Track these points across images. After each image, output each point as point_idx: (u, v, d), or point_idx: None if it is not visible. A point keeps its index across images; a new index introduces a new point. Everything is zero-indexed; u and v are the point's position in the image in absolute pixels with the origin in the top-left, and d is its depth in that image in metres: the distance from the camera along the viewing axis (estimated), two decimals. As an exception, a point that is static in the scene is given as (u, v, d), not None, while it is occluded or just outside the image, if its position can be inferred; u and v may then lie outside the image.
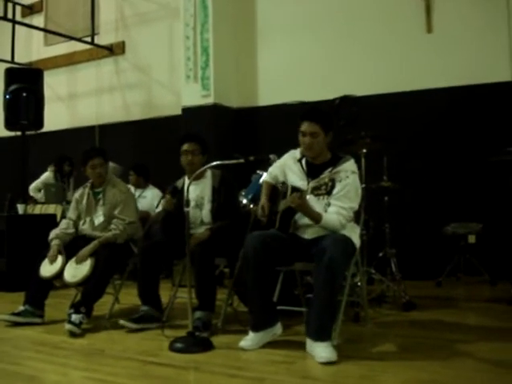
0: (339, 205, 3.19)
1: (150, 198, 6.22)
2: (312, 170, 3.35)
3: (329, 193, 3.04)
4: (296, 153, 3.50)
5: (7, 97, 6.44)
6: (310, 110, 3.36)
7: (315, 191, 3.01)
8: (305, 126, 3.30)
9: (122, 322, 3.71)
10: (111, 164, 4.85)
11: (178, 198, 3.93)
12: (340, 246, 3.04)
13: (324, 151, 3.38)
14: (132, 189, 5.91)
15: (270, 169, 3.68)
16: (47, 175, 7.34)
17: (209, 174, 4.00)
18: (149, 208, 6.07)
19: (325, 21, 6.56)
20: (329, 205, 3.22)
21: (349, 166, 3.26)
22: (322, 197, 3.11)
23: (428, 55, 6.01)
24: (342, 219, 3.19)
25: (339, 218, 3.18)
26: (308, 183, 3.23)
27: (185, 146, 3.98)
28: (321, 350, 2.91)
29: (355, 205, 3.27)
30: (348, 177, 3.18)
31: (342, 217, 3.18)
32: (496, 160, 4.47)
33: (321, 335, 2.97)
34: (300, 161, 3.43)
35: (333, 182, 3.01)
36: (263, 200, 3.55)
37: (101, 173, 4.22)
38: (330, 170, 3.24)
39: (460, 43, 5.87)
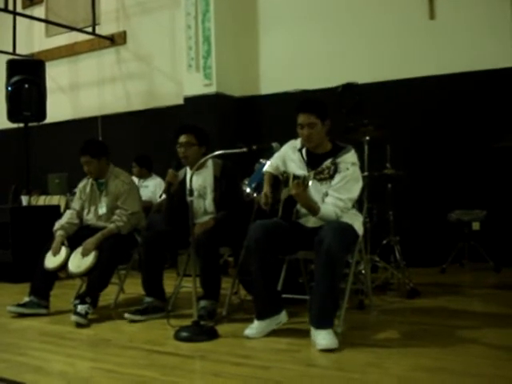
0: (336, 196, 3.20)
1: (151, 187, 6.23)
2: (312, 160, 3.35)
3: (332, 176, 3.03)
4: (296, 142, 3.50)
5: (9, 88, 6.45)
6: (304, 101, 3.37)
7: (318, 175, 3.01)
8: (301, 118, 3.31)
9: (127, 315, 3.72)
10: None
11: (180, 188, 3.92)
12: (338, 234, 3.04)
13: (324, 140, 3.38)
14: (135, 180, 5.91)
15: (271, 160, 3.68)
16: None
17: (210, 163, 3.99)
18: (151, 197, 6.08)
19: (326, 8, 6.52)
20: (327, 194, 3.23)
21: (349, 158, 3.27)
22: (325, 181, 3.09)
23: (431, 42, 5.97)
24: (338, 211, 3.20)
25: (335, 209, 3.19)
26: (308, 172, 3.22)
27: (179, 139, 3.96)
28: (321, 338, 2.93)
29: (354, 196, 3.27)
30: (348, 168, 3.20)
31: (338, 208, 3.19)
32: (500, 146, 4.46)
33: (322, 323, 2.99)
34: (300, 150, 3.43)
35: (335, 165, 3.01)
36: (266, 188, 3.57)
37: (89, 170, 4.19)
38: (330, 160, 3.23)
39: (463, 29, 5.82)
